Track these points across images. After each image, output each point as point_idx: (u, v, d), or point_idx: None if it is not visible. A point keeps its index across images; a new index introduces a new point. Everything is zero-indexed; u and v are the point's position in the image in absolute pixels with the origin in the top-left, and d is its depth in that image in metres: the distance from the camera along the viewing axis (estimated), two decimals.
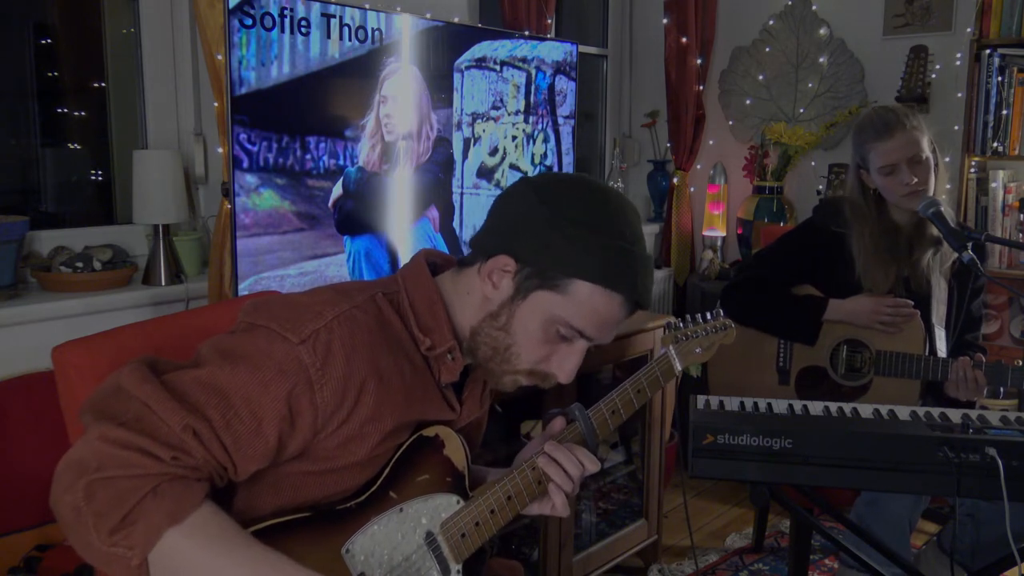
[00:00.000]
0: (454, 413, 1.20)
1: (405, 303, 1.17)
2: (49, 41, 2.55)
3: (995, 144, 3.11)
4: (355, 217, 2.29)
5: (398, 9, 2.45)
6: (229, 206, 2.04)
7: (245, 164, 2.02)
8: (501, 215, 1.17)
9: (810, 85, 3.70)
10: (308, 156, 2.15)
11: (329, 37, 2.16)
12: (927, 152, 2.16)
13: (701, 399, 1.60)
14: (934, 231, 2.21)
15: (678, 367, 1.45)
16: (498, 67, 2.65)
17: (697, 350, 1.51)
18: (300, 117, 2.13)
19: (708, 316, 1.55)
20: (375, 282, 1.21)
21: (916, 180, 2.14)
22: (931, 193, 2.18)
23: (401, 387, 1.12)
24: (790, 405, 1.62)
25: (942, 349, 2.28)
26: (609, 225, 1.11)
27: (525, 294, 1.13)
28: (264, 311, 1.08)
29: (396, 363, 1.12)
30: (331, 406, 1.05)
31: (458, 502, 1.21)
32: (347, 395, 1.06)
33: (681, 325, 1.51)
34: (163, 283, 2.30)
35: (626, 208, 1.15)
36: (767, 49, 3.80)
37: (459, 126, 2.56)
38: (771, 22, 3.79)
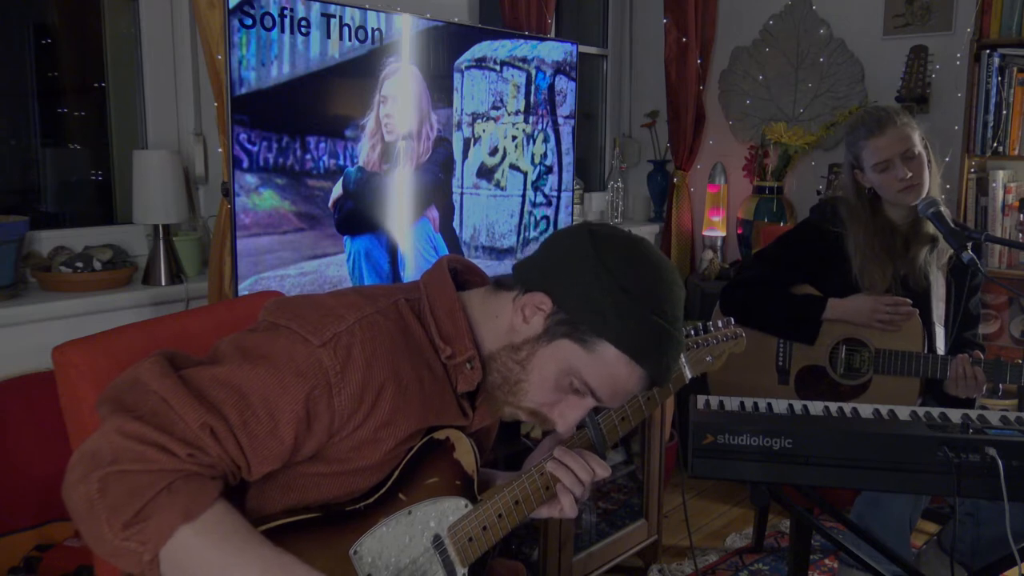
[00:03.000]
0: (466, 419, 1.20)
1: (426, 310, 1.17)
2: (49, 41, 2.54)
3: (995, 144, 3.11)
4: (355, 217, 2.29)
5: (398, 9, 2.45)
6: (229, 206, 2.04)
7: (245, 164, 2.02)
8: (552, 252, 1.16)
9: (810, 85, 3.70)
10: (308, 156, 2.15)
11: (329, 37, 2.16)
12: (919, 147, 2.18)
13: (701, 399, 1.60)
14: (929, 228, 2.22)
15: (688, 375, 1.45)
16: (498, 67, 2.65)
17: (708, 358, 1.51)
18: (300, 117, 2.13)
19: (719, 324, 1.55)
20: (398, 287, 1.21)
21: (911, 175, 2.16)
22: (926, 189, 2.19)
23: (419, 394, 1.11)
24: (790, 405, 1.62)
25: (941, 347, 2.28)
26: (654, 299, 1.10)
27: (551, 338, 1.12)
28: (286, 311, 1.08)
29: (415, 370, 1.11)
30: (348, 410, 1.05)
31: (466, 506, 1.21)
32: (364, 400, 1.05)
33: (692, 332, 1.51)
34: (163, 283, 2.30)
35: (676, 286, 1.13)
36: (767, 49, 3.80)
37: (459, 126, 2.56)
38: (771, 22, 3.79)
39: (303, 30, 2.10)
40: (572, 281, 1.10)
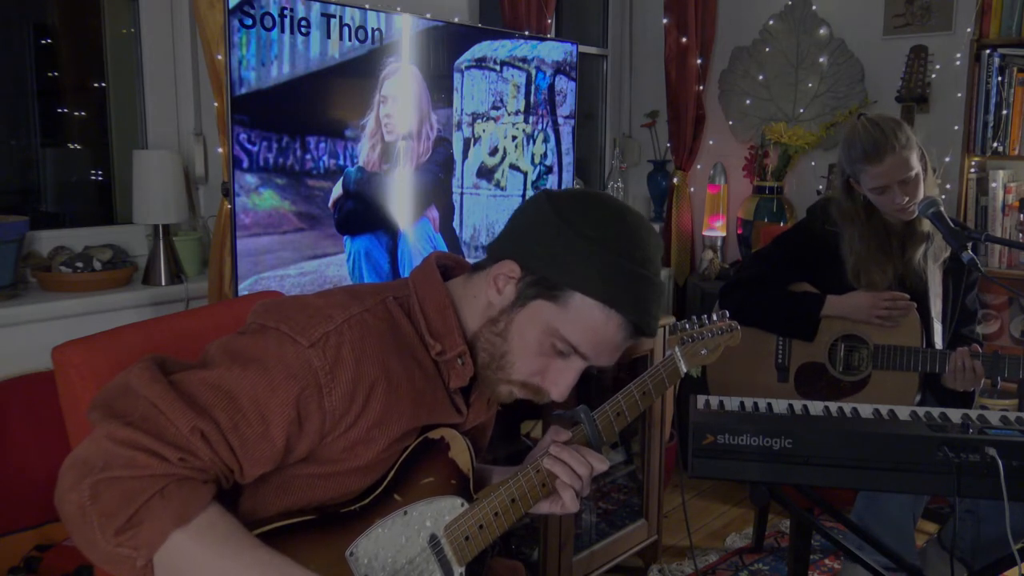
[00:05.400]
0: (461, 417, 1.20)
1: (416, 307, 1.16)
2: (49, 41, 2.55)
3: (995, 144, 3.11)
4: (355, 217, 2.29)
5: (398, 9, 2.45)
6: (229, 206, 2.04)
7: (245, 164, 2.02)
8: (515, 221, 1.17)
9: (810, 85, 3.70)
10: (308, 156, 2.15)
11: (329, 37, 2.16)
12: (917, 168, 2.16)
13: (701, 399, 1.60)
14: (924, 226, 2.23)
15: (683, 369, 1.45)
16: (498, 67, 2.65)
17: (703, 352, 1.50)
18: (300, 117, 2.13)
19: (714, 317, 1.55)
20: (386, 285, 1.20)
21: (907, 199, 2.16)
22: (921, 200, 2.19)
23: (410, 392, 1.11)
24: (790, 405, 1.62)
25: (939, 343, 2.29)
26: (618, 242, 1.09)
27: (525, 302, 1.12)
28: (275, 313, 1.08)
29: (406, 368, 1.11)
30: (339, 410, 1.04)
31: (462, 505, 1.21)
32: (355, 399, 1.05)
33: (687, 326, 1.50)
34: (163, 283, 2.30)
35: (643, 230, 1.13)
36: (767, 49, 3.80)
37: (459, 126, 2.56)
38: (771, 22, 3.79)
39: (303, 30, 2.10)
40: (535, 242, 1.11)
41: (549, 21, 3.32)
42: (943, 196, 2.31)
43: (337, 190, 2.23)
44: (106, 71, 2.56)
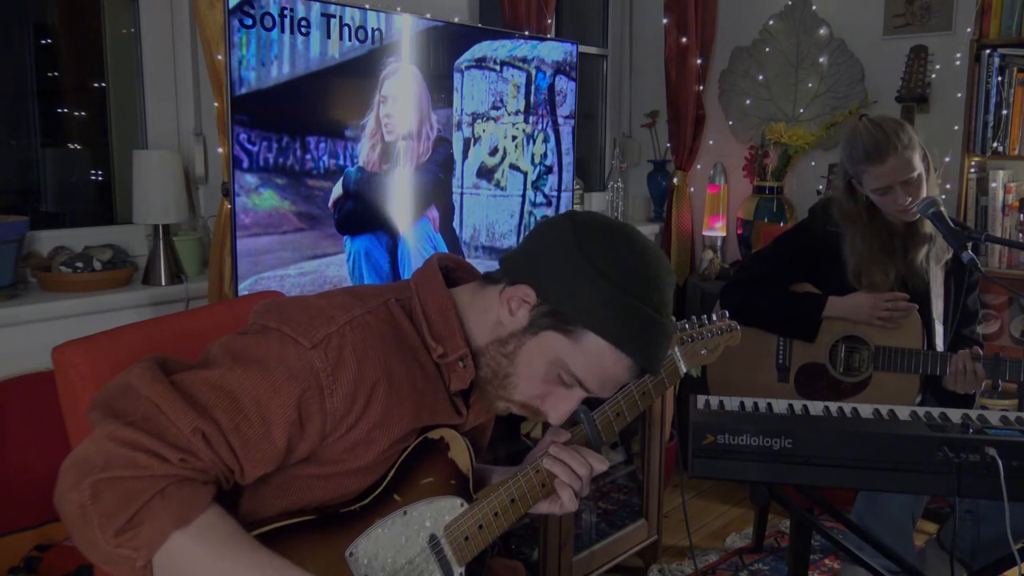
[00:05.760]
0: (461, 418, 1.20)
1: (418, 309, 1.16)
2: (49, 41, 2.55)
3: (995, 144, 3.11)
4: (355, 217, 2.29)
5: (398, 9, 2.45)
6: (229, 206, 2.04)
7: (245, 164, 2.02)
8: (536, 243, 1.16)
9: (810, 85, 3.70)
10: (308, 156, 2.15)
11: (329, 37, 2.16)
12: (919, 168, 2.15)
13: (701, 399, 1.60)
14: (926, 227, 2.23)
15: (683, 369, 1.45)
16: (498, 67, 2.65)
17: (703, 352, 1.50)
18: (300, 117, 2.13)
19: (713, 317, 1.54)
20: (388, 287, 1.20)
21: (910, 200, 2.16)
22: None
23: (411, 393, 1.11)
24: (790, 405, 1.62)
25: (940, 344, 2.29)
26: (638, 286, 1.09)
27: (537, 330, 1.12)
28: (276, 313, 1.08)
29: (407, 369, 1.11)
30: (340, 412, 1.04)
31: (462, 505, 1.21)
32: (356, 401, 1.05)
33: (687, 326, 1.50)
34: (163, 283, 2.30)
35: (662, 273, 1.12)
36: (767, 49, 3.80)
37: (459, 126, 2.56)
38: (771, 22, 3.79)
39: (303, 30, 2.10)
40: (554, 272, 1.10)
41: (549, 21, 3.32)
42: (943, 196, 2.30)
43: (337, 190, 2.23)
44: (106, 71, 2.56)
